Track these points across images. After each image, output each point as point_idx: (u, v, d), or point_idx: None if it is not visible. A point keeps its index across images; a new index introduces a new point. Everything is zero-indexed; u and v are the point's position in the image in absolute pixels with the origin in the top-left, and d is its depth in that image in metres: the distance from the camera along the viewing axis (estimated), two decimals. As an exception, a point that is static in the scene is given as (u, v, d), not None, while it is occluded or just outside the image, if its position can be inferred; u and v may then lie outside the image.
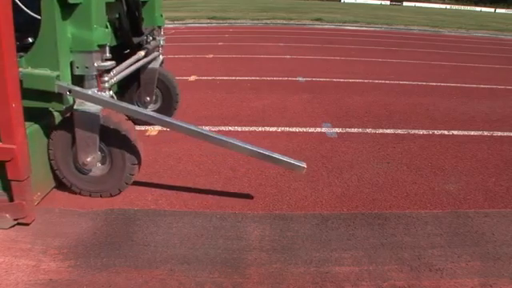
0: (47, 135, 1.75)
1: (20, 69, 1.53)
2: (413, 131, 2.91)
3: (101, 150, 1.77)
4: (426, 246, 1.57)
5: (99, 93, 1.72)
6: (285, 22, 12.94)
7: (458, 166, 2.36)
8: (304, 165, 1.74)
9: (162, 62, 2.76)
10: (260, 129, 2.80)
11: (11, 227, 1.57)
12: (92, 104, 1.68)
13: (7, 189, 1.60)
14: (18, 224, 1.59)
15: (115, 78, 1.87)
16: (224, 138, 1.72)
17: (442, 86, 4.47)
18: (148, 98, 2.69)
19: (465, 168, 2.33)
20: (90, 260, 1.40)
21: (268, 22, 12.60)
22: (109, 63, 1.76)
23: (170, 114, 2.68)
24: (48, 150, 1.76)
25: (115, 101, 1.76)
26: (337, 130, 2.86)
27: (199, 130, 1.73)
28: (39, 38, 1.56)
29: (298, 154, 2.40)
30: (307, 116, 3.14)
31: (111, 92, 1.83)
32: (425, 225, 1.72)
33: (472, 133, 2.95)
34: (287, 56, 6.02)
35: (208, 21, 11.82)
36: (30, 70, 1.57)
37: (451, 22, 17.43)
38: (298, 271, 1.39)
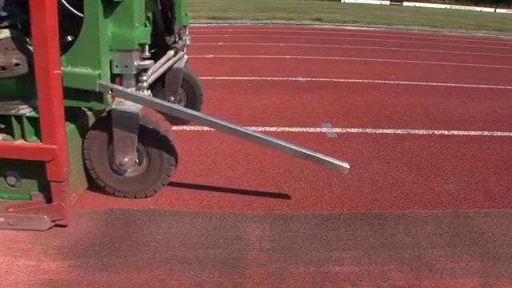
0: (82, 135, 1.73)
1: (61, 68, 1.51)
2: (413, 131, 2.91)
3: (137, 150, 1.75)
4: (426, 246, 1.57)
5: (141, 92, 1.69)
6: (285, 21, 12.94)
7: (457, 166, 2.36)
8: (347, 165, 1.74)
9: (187, 62, 2.74)
10: (260, 129, 2.80)
11: (48, 229, 1.55)
12: (131, 104, 1.66)
13: (44, 190, 1.58)
14: (56, 226, 1.57)
15: (152, 78, 1.83)
16: (269, 139, 1.73)
17: (441, 86, 4.47)
18: (172, 98, 2.67)
19: (465, 168, 2.33)
20: (90, 260, 1.40)
21: (268, 22, 12.60)
22: (148, 62, 1.73)
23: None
24: (83, 150, 1.74)
25: (159, 100, 1.73)
26: (337, 129, 2.85)
27: (245, 131, 1.72)
28: (81, 36, 1.53)
29: (297, 154, 2.40)
30: (307, 116, 3.14)
31: (149, 91, 1.81)
32: (425, 225, 1.72)
33: (472, 133, 2.95)
34: (287, 56, 6.02)
35: (208, 21, 11.82)
36: (70, 68, 1.54)
37: (451, 22, 17.43)
38: (298, 271, 1.39)
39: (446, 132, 2.93)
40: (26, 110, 1.51)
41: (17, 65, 1.49)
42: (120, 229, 1.61)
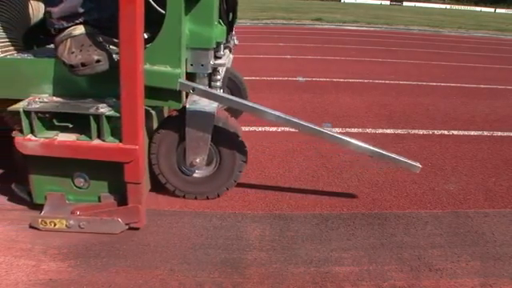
0: (149, 136, 1.71)
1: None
2: (413, 131, 2.91)
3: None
4: (426, 246, 1.57)
5: (221, 92, 1.66)
6: (285, 22, 12.94)
7: (458, 166, 2.36)
8: (419, 165, 1.79)
9: (232, 62, 2.73)
10: (260, 129, 2.80)
11: (121, 232, 1.54)
12: (205, 103, 1.64)
13: (116, 192, 1.56)
14: (130, 228, 1.56)
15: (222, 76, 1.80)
16: (348, 139, 1.74)
17: (441, 86, 4.47)
18: None
19: (465, 168, 2.33)
20: (90, 260, 1.40)
21: (268, 21, 12.60)
22: (223, 61, 1.69)
23: (237, 115, 2.61)
24: (149, 150, 1.71)
25: (243, 101, 1.70)
26: (337, 129, 2.85)
27: (329, 132, 1.73)
28: (162, 34, 1.48)
29: (298, 154, 2.40)
30: (307, 116, 3.13)
31: (222, 90, 1.78)
32: (425, 225, 1.72)
33: (472, 133, 2.95)
34: (287, 56, 6.02)
35: (208, 21, 11.80)
36: (148, 66, 1.48)
37: (451, 22, 17.42)
38: (298, 271, 1.39)
39: (445, 132, 2.93)
40: (105, 109, 1.46)
41: (98, 61, 1.45)
42: (120, 229, 1.60)
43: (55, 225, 1.53)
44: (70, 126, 1.56)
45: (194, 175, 1.80)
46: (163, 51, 1.50)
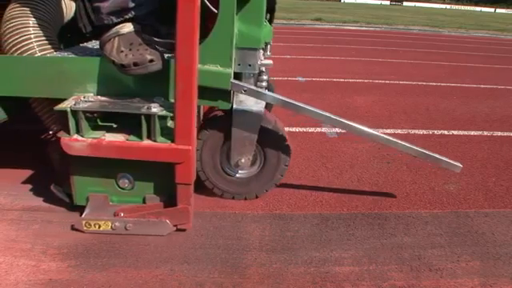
0: None
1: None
2: (413, 131, 2.91)
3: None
4: (426, 246, 1.57)
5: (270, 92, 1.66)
6: (285, 21, 12.93)
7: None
8: (460, 164, 1.82)
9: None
10: (260, 129, 2.79)
11: (169, 234, 1.54)
12: (253, 103, 1.63)
13: (161, 193, 1.54)
14: (177, 230, 1.55)
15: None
16: (396, 140, 1.78)
17: (441, 86, 4.48)
18: None
19: (465, 168, 2.32)
20: (90, 260, 1.40)
21: (268, 21, 12.58)
22: (269, 61, 1.68)
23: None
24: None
25: (297, 102, 1.69)
26: (337, 129, 2.85)
27: (378, 134, 1.79)
28: (213, 33, 1.46)
29: (298, 154, 2.40)
30: (307, 116, 3.13)
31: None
32: (425, 225, 1.72)
33: (472, 133, 2.95)
34: (287, 56, 6.02)
35: (208, 21, 11.80)
36: (200, 66, 1.45)
37: (451, 22, 17.42)
38: (298, 271, 1.39)
39: (445, 132, 2.93)
40: (157, 109, 1.43)
41: (151, 61, 1.42)
42: (120, 229, 1.60)
43: (100, 227, 1.50)
44: (115, 125, 1.53)
45: (237, 175, 1.81)
46: (215, 51, 1.47)
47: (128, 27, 1.49)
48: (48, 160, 1.62)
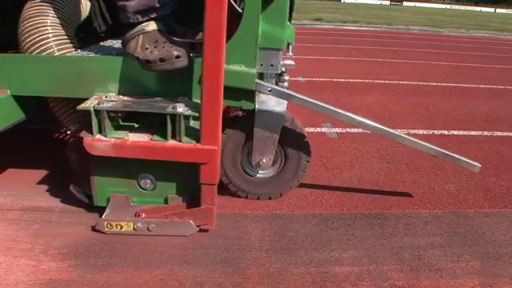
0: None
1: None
2: (413, 131, 2.91)
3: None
4: (426, 246, 1.57)
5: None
6: (285, 21, 12.92)
7: (458, 166, 2.36)
8: (479, 164, 1.84)
9: None
10: (260, 129, 2.79)
11: (192, 234, 1.53)
12: (274, 103, 1.63)
13: (184, 193, 1.53)
14: (201, 230, 1.55)
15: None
16: (417, 141, 1.80)
17: (441, 86, 4.48)
18: None
19: (465, 168, 2.33)
20: (90, 260, 1.40)
21: (268, 21, 12.57)
22: (291, 62, 1.68)
23: None
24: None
25: (323, 103, 1.70)
26: (337, 129, 2.85)
27: (400, 135, 1.82)
28: (239, 33, 1.46)
29: (297, 154, 2.40)
30: (307, 116, 3.13)
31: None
32: (425, 225, 1.72)
33: (472, 133, 2.95)
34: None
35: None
36: (225, 66, 1.43)
37: (451, 22, 17.43)
38: (298, 271, 1.39)
39: (445, 132, 2.93)
40: (183, 109, 1.41)
41: (177, 57, 1.41)
42: (120, 229, 1.60)
43: (121, 227, 1.49)
44: (136, 125, 1.52)
45: (258, 175, 1.81)
46: (239, 51, 1.47)
47: (152, 25, 1.48)
48: (66, 160, 1.62)
